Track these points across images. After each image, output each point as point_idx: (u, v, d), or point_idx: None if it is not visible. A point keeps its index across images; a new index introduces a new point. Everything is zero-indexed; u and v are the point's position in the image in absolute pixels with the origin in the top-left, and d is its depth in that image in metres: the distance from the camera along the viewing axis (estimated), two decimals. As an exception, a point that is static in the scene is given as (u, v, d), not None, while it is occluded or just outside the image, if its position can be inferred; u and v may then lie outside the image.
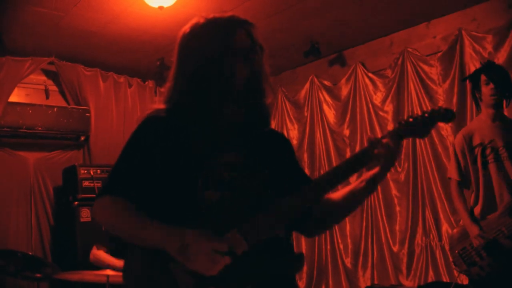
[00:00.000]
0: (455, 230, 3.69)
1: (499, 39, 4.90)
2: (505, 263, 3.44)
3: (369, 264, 5.75)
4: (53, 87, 5.99)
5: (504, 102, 3.78)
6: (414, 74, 5.39)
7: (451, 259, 3.89)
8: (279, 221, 1.68)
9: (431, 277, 5.18)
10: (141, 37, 5.39)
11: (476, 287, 3.58)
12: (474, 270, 3.47)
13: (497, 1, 5.00)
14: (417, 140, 5.14)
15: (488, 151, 3.64)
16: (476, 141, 3.73)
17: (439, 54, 5.29)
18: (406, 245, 5.37)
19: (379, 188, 5.48)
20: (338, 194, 1.84)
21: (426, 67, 5.32)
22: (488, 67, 3.84)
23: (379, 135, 5.37)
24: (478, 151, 3.69)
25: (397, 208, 5.46)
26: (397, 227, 5.47)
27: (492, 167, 3.62)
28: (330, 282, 6.08)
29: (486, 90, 3.72)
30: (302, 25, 5.32)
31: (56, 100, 5.97)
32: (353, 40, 5.90)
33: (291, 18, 5.10)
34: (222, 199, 1.67)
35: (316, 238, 6.21)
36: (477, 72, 3.91)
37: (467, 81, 4.09)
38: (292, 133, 6.56)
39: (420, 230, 5.31)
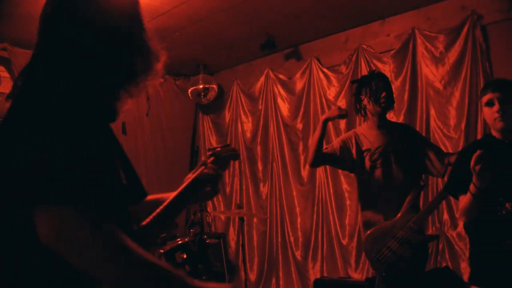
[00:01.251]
0: (367, 234, 3.73)
1: (450, 39, 5.03)
2: (418, 258, 3.56)
3: (319, 257, 5.83)
4: (5, 74, 5.82)
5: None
6: (368, 71, 5.46)
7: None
8: None
9: (378, 270, 5.29)
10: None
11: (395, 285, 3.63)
12: (392, 272, 3.52)
13: (450, 2, 5.11)
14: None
15: (375, 156, 3.75)
16: (365, 146, 3.83)
17: (393, 51, 5.38)
18: (355, 239, 5.46)
19: (330, 181, 5.60)
20: None
21: (379, 64, 5.41)
22: (375, 77, 3.95)
23: (331, 130, 5.49)
24: (366, 155, 3.80)
25: (348, 202, 5.54)
26: (347, 221, 5.55)
27: (378, 172, 3.72)
28: (281, 274, 6.15)
29: (368, 102, 3.82)
30: (258, 19, 5.31)
31: (9, 87, 5.79)
32: (309, 35, 5.93)
33: (247, 11, 5.09)
34: None
35: (267, 230, 6.26)
36: (365, 81, 3.96)
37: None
38: (246, 125, 6.58)
39: (369, 224, 5.41)
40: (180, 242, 4.67)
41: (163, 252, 4.38)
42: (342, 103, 5.65)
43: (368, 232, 3.66)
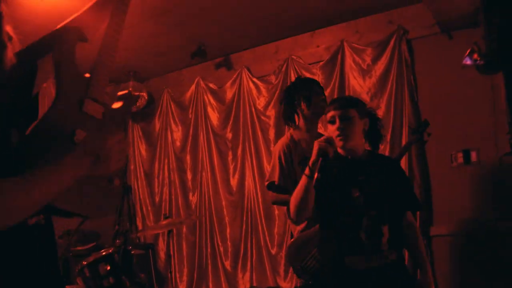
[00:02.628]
0: (290, 242, 3.76)
1: (377, 52, 5.17)
2: None
3: (248, 267, 5.81)
4: None
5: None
6: (297, 80, 5.53)
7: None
8: None
9: (307, 279, 5.33)
10: (21, 27, 5.10)
11: None
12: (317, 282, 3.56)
13: (378, 16, 5.26)
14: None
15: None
16: (304, 152, 3.78)
17: (322, 63, 5.48)
18: (284, 248, 5.48)
19: (258, 191, 5.61)
20: None
21: (308, 75, 5.47)
22: (312, 81, 4.01)
23: (260, 139, 5.51)
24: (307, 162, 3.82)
25: (276, 212, 5.56)
26: (276, 230, 5.57)
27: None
28: (210, 284, 6.09)
29: (305, 106, 3.82)
30: (189, 27, 5.28)
31: None
32: (240, 44, 5.94)
33: (178, 19, 5.05)
34: None
35: (197, 240, 6.20)
36: (303, 85, 3.97)
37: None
38: (176, 134, 6.50)
39: (297, 233, 5.44)
40: (104, 253, 4.54)
41: (86, 263, 4.24)
42: (271, 113, 5.68)
43: (291, 240, 3.68)
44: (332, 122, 2.64)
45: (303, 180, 2.42)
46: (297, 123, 3.91)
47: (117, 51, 1.90)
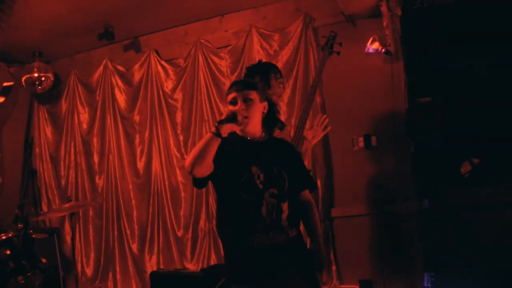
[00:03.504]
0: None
1: (284, 38, 5.29)
2: None
3: (155, 250, 5.82)
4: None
5: None
6: (205, 65, 5.56)
7: None
8: None
9: (213, 260, 5.42)
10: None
11: None
12: None
13: (286, 3, 5.37)
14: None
15: None
16: None
17: (230, 47, 5.53)
18: (190, 230, 5.54)
19: (165, 174, 5.61)
20: None
21: (216, 59, 5.52)
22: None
23: (167, 122, 5.52)
24: None
25: (182, 194, 5.60)
26: (182, 213, 5.61)
27: None
28: (117, 268, 6.04)
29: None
30: (97, 7, 5.19)
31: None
32: (149, 27, 5.89)
33: (86, -2, 4.96)
34: None
35: (104, 224, 6.13)
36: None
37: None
38: (83, 117, 6.36)
39: (203, 215, 5.51)
40: (4, 237, 4.41)
41: (-17, 248, 4.11)
42: (178, 96, 5.69)
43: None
44: (233, 103, 2.67)
45: (207, 135, 2.46)
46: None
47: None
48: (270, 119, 2.84)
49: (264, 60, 5.28)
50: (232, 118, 2.51)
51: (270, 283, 2.65)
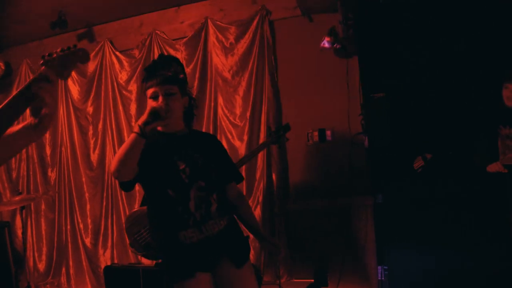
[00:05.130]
0: (129, 214, 3.80)
1: (240, 31, 5.25)
2: None
3: (109, 244, 5.74)
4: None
5: None
6: (160, 56, 5.47)
7: (128, 242, 3.99)
8: None
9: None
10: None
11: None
12: (151, 253, 3.63)
13: (244, -5, 5.32)
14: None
15: None
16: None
17: (185, 39, 5.46)
18: (144, 224, 5.46)
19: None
20: None
21: (172, 51, 5.45)
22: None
23: (121, 114, 5.43)
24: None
25: (137, 187, 5.48)
26: (137, 206, 5.51)
27: None
28: (71, 263, 5.95)
29: None
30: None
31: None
32: (104, 16, 5.77)
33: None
34: None
35: (56, 218, 6.01)
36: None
37: None
38: (35, 106, 6.19)
39: (158, 209, 5.43)
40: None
41: None
42: (133, 87, 5.60)
43: (131, 212, 3.68)
44: (154, 98, 2.60)
45: (131, 137, 2.39)
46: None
47: None
48: (190, 113, 2.80)
49: (219, 53, 5.26)
50: (155, 116, 2.43)
51: (205, 277, 2.63)
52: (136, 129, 2.38)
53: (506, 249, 3.74)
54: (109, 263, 5.59)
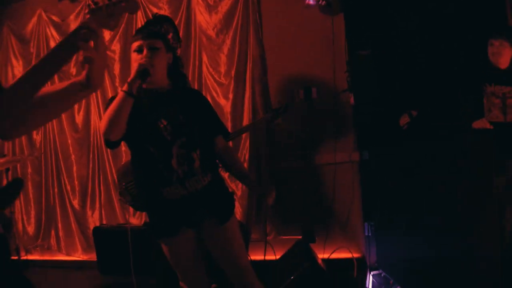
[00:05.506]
0: (122, 164, 3.81)
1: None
2: None
3: (97, 205, 5.74)
4: None
5: None
6: (143, 16, 5.39)
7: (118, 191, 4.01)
8: None
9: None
10: None
11: None
12: (138, 205, 3.66)
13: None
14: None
15: None
16: None
17: (168, -4, 5.37)
18: (132, 184, 5.45)
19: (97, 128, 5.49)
20: None
21: (155, 9, 5.34)
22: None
23: (105, 74, 5.36)
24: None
25: (123, 148, 5.48)
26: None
27: None
28: (60, 225, 5.96)
29: None
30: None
31: None
32: (84, -26, 5.64)
33: None
34: None
35: (43, 180, 6.00)
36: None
37: None
38: (17, 70, 6.10)
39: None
40: None
41: None
42: (116, 47, 5.52)
43: (125, 161, 3.69)
44: (139, 51, 2.59)
45: (120, 96, 2.38)
46: None
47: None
48: (175, 71, 2.78)
49: (203, 11, 5.18)
50: (144, 73, 2.42)
51: (189, 233, 2.68)
52: (124, 87, 2.37)
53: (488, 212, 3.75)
54: (97, 224, 5.60)
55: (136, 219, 5.48)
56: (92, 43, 1.67)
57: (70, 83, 1.75)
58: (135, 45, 2.59)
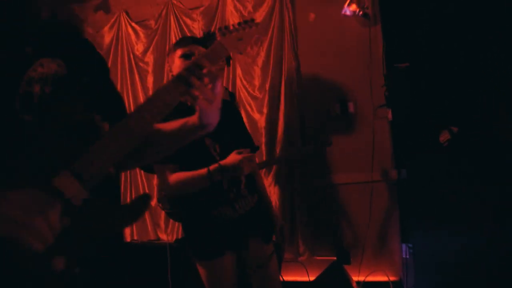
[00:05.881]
0: None
1: (259, 0, 5.02)
2: None
3: (130, 221, 5.66)
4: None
5: None
6: (177, 27, 5.31)
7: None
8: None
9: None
10: None
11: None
12: (176, 212, 3.54)
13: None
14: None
15: None
16: None
17: (202, 8, 5.27)
18: (164, 201, 5.37)
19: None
20: None
21: (188, 21, 5.27)
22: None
23: (138, 86, 5.30)
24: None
25: (155, 164, 5.41)
26: (155, 181, 5.44)
27: None
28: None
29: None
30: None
31: None
32: (119, -14, 5.62)
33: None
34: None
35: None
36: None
37: None
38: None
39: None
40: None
41: None
42: (149, 59, 5.45)
43: None
44: (186, 57, 2.51)
45: (201, 174, 2.32)
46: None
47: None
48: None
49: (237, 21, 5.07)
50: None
51: (232, 256, 2.59)
52: (207, 171, 2.42)
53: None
54: (128, 240, 5.53)
55: (168, 235, 5.38)
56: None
57: (182, 124, 1.69)
58: (182, 51, 2.52)
